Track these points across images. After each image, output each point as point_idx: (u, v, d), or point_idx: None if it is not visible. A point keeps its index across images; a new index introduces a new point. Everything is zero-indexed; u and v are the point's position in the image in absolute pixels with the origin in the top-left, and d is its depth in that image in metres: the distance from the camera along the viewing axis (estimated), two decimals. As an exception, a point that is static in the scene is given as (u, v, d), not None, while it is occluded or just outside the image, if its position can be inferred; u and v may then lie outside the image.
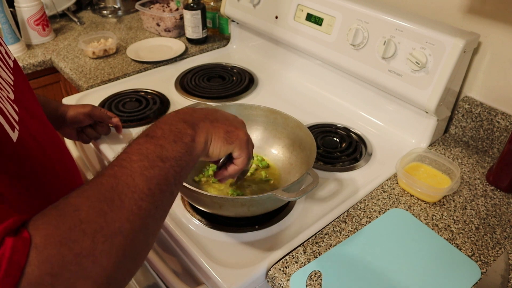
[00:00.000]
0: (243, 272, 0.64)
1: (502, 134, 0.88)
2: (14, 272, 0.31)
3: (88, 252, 0.35)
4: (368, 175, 0.85)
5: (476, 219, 0.75)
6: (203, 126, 0.51)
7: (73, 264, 0.34)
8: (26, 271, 0.32)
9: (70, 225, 0.35)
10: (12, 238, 0.32)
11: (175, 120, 0.49)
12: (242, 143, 0.55)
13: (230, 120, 0.55)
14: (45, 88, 1.38)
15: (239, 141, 0.54)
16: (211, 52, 1.37)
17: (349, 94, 1.06)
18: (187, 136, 0.48)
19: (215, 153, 0.53)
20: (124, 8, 1.66)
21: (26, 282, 0.32)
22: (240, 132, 0.55)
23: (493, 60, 0.87)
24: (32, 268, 0.32)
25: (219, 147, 0.52)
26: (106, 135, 0.93)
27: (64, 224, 0.35)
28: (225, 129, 0.53)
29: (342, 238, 0.71)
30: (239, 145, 0.55)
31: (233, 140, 0.54)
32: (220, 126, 0.53)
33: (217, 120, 0.53)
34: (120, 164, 0.42)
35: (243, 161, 0.57)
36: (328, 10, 1.00)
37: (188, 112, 0.52)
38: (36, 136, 0.52)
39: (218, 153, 0.53)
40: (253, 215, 0.71)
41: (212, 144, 0.52)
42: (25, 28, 1.36)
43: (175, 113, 0.51)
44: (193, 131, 0.49)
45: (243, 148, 0.55)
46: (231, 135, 0.53)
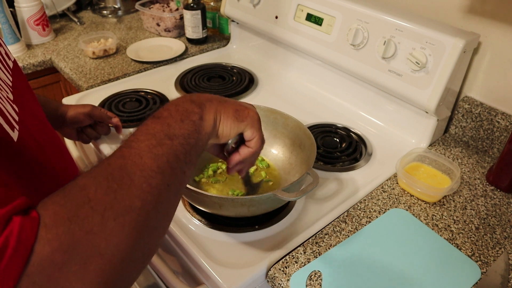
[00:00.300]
0: (243, 272, 0.64)
1: (502, 134, 0.88)
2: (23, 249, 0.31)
3: (98, 229, 0.34)
4: (368, 175, 0.85)
5: (476, 219, 0.75)
6: (211, 105, 0.49)
7: (84, 241, 0.34)
8: (36, 249, 0.32)
9: (78, 203, 0.35)
10: (20, 217, 0.32)
11: (182, 101, 0.48)
12: (254, 122, 0.52)
13: (239, 102, 0.54)
14: (45, 88, 1.38)
15: (251, 119, 0.52)
16: (211, 52, 1.37)
17: (349, 94, 1.06)
18: (195, 115, 0.47)
19: (225, 132, 0.51)
20: (124, 8, 1.66)
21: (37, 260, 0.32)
22: (250, 111, 0.53)
23: (493, 60, 0.87)
24: (42, 245, 0.32)
25: (229, 126, 0.50)
26: (106, 135, 0.93)
27: (72, 202, 0.35)
28: (235, 107, 0.51)
29: (342, 238, 0.71)
30: (251, 123, 0.52)
31: (244, 118, 0.51)
32: (229, 105, 0.51)
33: (226, 101, 0.52)
34: (127, 145, 0.42)
35: (257, 142, 0.54)
36: (328, 10, 1.00)
37: (195, 94, 0.51)
38: (35, 136, 0.52)
39: (228, 132, 0.51)
40: (253, 215, 0.71)
41: (222, 123, 0.50)
42: (25, 28, 1.36)
43: (183, 96, 0.50)
44: (200, 109, 0.48)
45: (255, 127, 0.53)
46: (241, 114, 0.51)
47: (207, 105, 0.49)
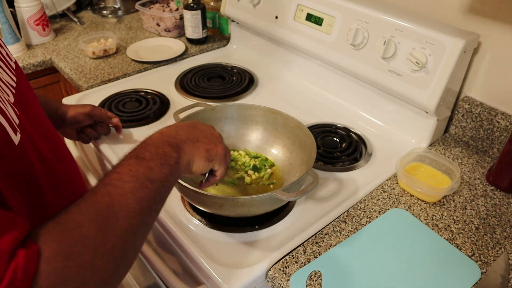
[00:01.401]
0: (243, 272, 0.64)
1: (502, 134, 0.88)
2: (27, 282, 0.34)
3: (89, 264, 0.39)
4: (368, 175, 0.85)
5: (476, 219, 0.75)
6: (186, 148, 0.56)
7: (77, 276, 0.38)
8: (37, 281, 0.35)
9: (74, 240, 0.39)
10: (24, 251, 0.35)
11: (161, 143, 0.54)
12: (221, 158, 0.61)
13: (209, 137, 0.61)
14: (45, 88, 1.38)
15: (218, 157, 0.61)
16: (211, 52, 1.37)
17: (349, 94, 1.06)
18: (172, 159, 0.53)
19: (198, 171, 0.59)
20: (124, 8, 1.66)
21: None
22: (218, 149, 0.61)
23: (493, 60, 0.87)
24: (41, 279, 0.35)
25: (201, 165, 0.58)
26: (106, 135, 0.93)
27: (69, 239, 0.39)
28: (205, 147, 0.59)
29: (342, 238, 0.71)
30: (218, 160, 0.61)
31: (213, 157, 0.60)
32: (201, 146, 0.59)
33: (198, 140, 0.59)
34: (113, 183, 0.45)
35: (222, 172, 0.64)
36: (328, 10, 1.00)
37: (172, 133, 0.57)
38: (35, 139, 0.52)
39: (200, 170, 0.59)
40: (253, 215, 0.71)
41: (195, 164, 0.57)
42: (25, 28, 1.36)
43: (160, 135, 0.56)
44: (177, 154, 0.54)
45: (222, 163, 0.62)
46: (211, 153, 0.59)
47: (182, 148, 0.56)
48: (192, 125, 0.62)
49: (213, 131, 0.64)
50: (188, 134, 0.59)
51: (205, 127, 0.63)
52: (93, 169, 1.02)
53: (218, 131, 0.65)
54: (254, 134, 0.87)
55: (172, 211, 0.76)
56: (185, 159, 0.55)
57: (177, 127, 0.59)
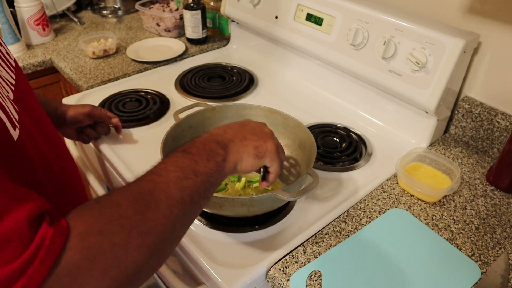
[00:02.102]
0: (243, 272, 0.64)
1: (502, 134, 0.88)
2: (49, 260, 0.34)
3: (123, 244, 0.39)
4: (368, 175, 0.85)
5: (476, 219, 0.75)
6: (233, 147, 0.55)
7: (109, 253, 0.38)
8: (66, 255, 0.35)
9: (110, 218, 0.39)
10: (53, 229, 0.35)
11: (209, 141, 0.54)
12: (272, 154, 0.59)
13: (258, 134, 0.59)
14: (45, 88, 1.38)
15: (269, 153, 0.59)
16: (211, 52, 1.37)
17: (349, 94, 1.06)
18: (219, 156, 0.53)
19: (248, 169, 0.57)
20: (124, 8, 1.66)
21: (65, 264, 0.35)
22: (268, 145, 0.59)
23: (493, 60, 0.87)
24: (73, 252, 0.36)
25: (251, 163, 0.57)
26: (106, 135, 0.93)
27: (105, 216, 0.39)
28: (254, 145, 0.57)
29: (342, 238, 0.71)
30: (269, 156, 0.59)
31: (263, 154, 0.58)
32: (249, 143, 0.57)
33: (246, 138, 0.58)
34: (158, 172, 0.47)
35: (276, 168, 0.61)
36: (328, 10, 1.00)
37: (220, 133, 0.57)
38: (34, 136, 0.52)
39: (250, 169, 0.57)
40: (253, 215, 0.71)
41: (244, 162, 0.56)
42: (25, 28, 1.36)
43: (209, 135, 0.56)
44: (224, 151, 0.54)
45: (274, 158, 0.60)
46: (260, 150, 0.58)
47: (230, 147, 0.55)
48: (242, 123, 0.62)
49: (263, 128, 0.62)
50: (236, 132, 0.58)
51: (255, 124, 0.62)
52: (93, 169, 1.02)
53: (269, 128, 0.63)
54: (254, 134, 0.87)
55: (172, 211, 0.76)
56: (232, 158, 0.55)
57: (226, 127, 0.59)
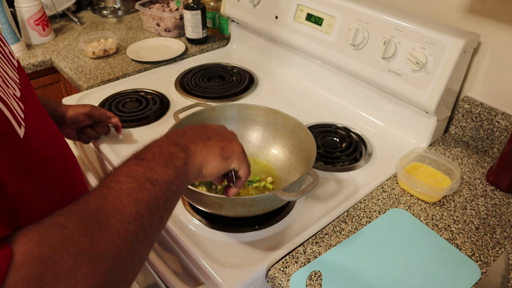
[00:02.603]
0: (243, 272, 0.64)
1: (502, 134, 0.88)
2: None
3: (68, 274, 0.33)
4: (368, 175, 0.85)
5: (476, 219, 0.75)
6: (196, 149, 0.49)
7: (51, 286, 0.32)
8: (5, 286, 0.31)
9: (53, 243, 0.34)
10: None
11: (166, 143, 0.47)
12: (239, 155, 0.54)
13: (221, 135, 0.54)
14: (45, 88, 1.38)
15: (236, 153, 0.53)
16: (211, 52, 1.37)
17: (349, 94, 1.06)
18: (179, 160, 0.46)
19: (214, 173, 0.51)
20: (124, 8, 1.66)
21: None
22: (234, 145, 0.54)
23: (493, 60, 0.87)
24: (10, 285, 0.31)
25: (217, 166, 0.51)
26: (106, 135, 0.93)
27: (47, 241, 0.33)
28: (219, 145, 0.52)
29: (342, 238, 0.71)
30: (237, 157, 0.53)
31: (230, 154, 0.52)
32: (213, 144, 0.51)
33: (209, 139, 0.52)
34: (107, 185, 0.40)
35: (245, 170, 0.56)
36: (328, 10, 1.00)
37: (179, 134, 0.51)
38: (40, 133, 0.52)
39: (217, 172, 0.51)
40: (253, 215, 0.71)
41: (209, 165, 0.50)
42: (25, 28, 1.36)
43: (166, 137, 0.49)
44: (185, 154, 0.47)
45: (242, 160, 0.54)
46: (227, 150, 0.52)
47: (191, 148, 0.49)
48: (202, 125, 0.56)
49: (225, 129, 0.57)
50: (198, 133, 0.52)
51: (216, 126, 0.57)
52: (93, 169, 1.02)
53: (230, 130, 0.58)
54: (254, 134, 0.87)
55: (172, 211, 0.76)
56: (195, 161, 0.48)
57: (185, 128, 0.53)
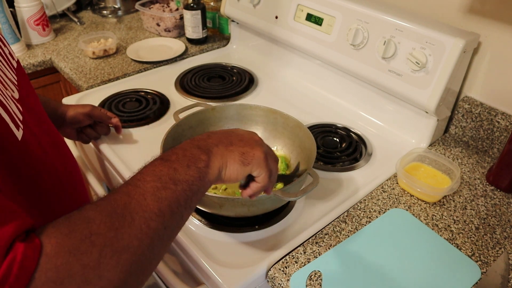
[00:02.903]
0: (243, 272, 0.64)
1: (502, 134, 0.88)
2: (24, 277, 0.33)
3: (94, 265, 0.36)
4: (368, 175, 0.85)
5: (476, 219, 0.75)
6: (217, 152, 0.51)
7: (79, 275, 0.35)
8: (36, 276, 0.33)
9: (81, 236, 0.36)
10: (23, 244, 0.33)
11: (190, 146, 0.50)
12: (260, 162, 0.54)
13: (245, 141, 0.54)
14: (45, 88, 1.38)
15: (256, 160, 0.53)
16: (211, 52, 1.37)
17: (349, 94, 1.06)
18: (201, 162, 0.48)
19: (232, 177, 0.52)
20: (124, 8, 1.66)
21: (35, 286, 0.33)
22: (256, 152, 0.54)
23: (493, 60, 0.87)
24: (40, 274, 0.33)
25: (236, 170, 0.52)
26: (106, 135, 0.93)
27: (75, 234, 0.36)
28: (240, 151, 0.52)
29: (342, 238, 0.71)
30: (257, 164, 0.53)
31: (250, 161, 0.53)
32: (235, 149, 0.52)
33: (231, 144, 0.53)
34: (134, 183, 0.43)
35: (264, 178, 0.55)
36: (328, 10, 1.00)
37: (203, 138, 0.53)
38: (38, 135, 0.52)
39: (235, 176, 0.52)
40: (253, 215, 0.71)
41: (228, 169, 0.51)
42: (25, 28, 1.36)
43: (191, 140, 0.52)
44: (207, 157, 0.49)
45: (262, 166, 0.54)
46: (247, 156, 0.53)
47: (213, 152, 0.50)
48: (229, 130, 0.57)
49: (252, 135, 0.57)
50: (221, 138, 0.53)
51: (243, 131, 0.57)
52: (93, 169, 1.02)
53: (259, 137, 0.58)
54: (254, 134, 0.87)
55: (172, 211, 0.76)
56: (216, 164, 0.50)
57: (211, 132, 0.55)
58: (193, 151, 0.49)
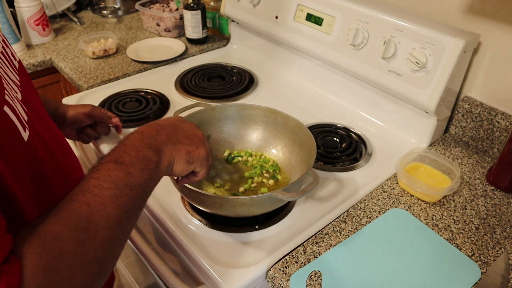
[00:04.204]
0: (243, 272, 0.64)
1: (502, 134, 0.88)
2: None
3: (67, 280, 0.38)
4: (368, 175, 0.85)
5: (476, 219, 0.75)
6: (166, 150, 0.55)
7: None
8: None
9: (53, 254, 0.38)
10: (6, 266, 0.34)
11: (141, 146, 0.52)
12: (202, 161, 0.60)
13: (191, 138, 0.59)
14: (45, 88, 1.38)
15: (199, 159, 0.59)
16: (211, 52, 1.37)
17: (349, 94, 1.06)
18: (152, 163, 0.51)
19: (178, 172, 0.58)
20: (124, 8, 1.66)
21: None
22: (200, 151, 0.59)
23: (493, 60, 0.87)
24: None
25: (182, 168, 0.57)
26: (106, 135, 0.93)
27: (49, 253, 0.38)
28: (186, 149, 0.58)
29: (342, 238, 0.71)
30: (199, 162, 0.60)
31: (194, 159, 0.58)
32: (182, 147, 0.57)
33: (179, 142, 0.57)
34: (91, 190, 0.44)
35: (203, 174, 0.62)
36: (328, 10, 1.00)
37: (152, 133, 0.55)
38: (42, 135, 0.52)
39: (180, 173, 0.58)
40: (253, 215, 0.71)
41: (175, 166, 0.56)
42: (25, 28, 1.36)
43: (140, 136, 0.54)
44: (157, 157, 0.52)
45: (203, 165, 0.61)
46: (192, 155, 0.58)
47: (163, 150, 0.54)
48: (174, 124, 0.60)
49: (196, 131, 0.62)
50: (169, 134, 0.57)
51: (188, 126, 0.61)
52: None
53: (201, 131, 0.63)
54: (254, 134, 0.87)
55: (172, 211, 0.76)
56: (165, 162, 0.54)
57: (158, 126, 0.57)
58: (145, 152, 0.51)
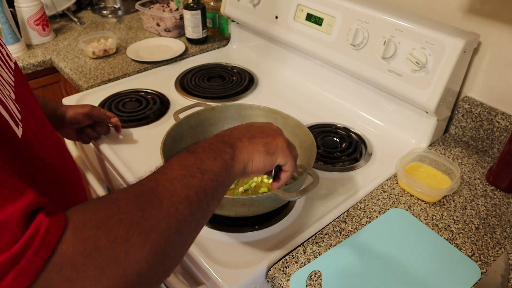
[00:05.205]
0: (243, 272, 0.64)
1: (502, 134, 0.88)
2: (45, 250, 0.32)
3: (122, 240, 0.36)
4: (368, 175, 0.85)
5: (476, 219, 0.75)
6: (242, 146, 0.52)
7: (106, 249, 0.35)
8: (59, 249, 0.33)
9: (108, 212, 0.37)
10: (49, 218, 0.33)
11: (214, 140, 0.51)
12: (283, 150, 0.56)
13: (266, 132, 0.57)
14: (45, 88, 1.38)
15: (280, 149, 0.55)
16: (211, 52, 1.37)
17: (349, 94, 1.06)
18: (227, 154, 0.49)
19: (260, 168, 0.53)
20: (124, 8, 1.66)
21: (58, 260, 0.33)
22: (278, 141, 0.56)
23: (493, 60, 0.87)
24: (66, 246, 0.33)
25: (263, 161, 0.53)
26: (106, 135, 0.93)
27: (103, 211, 0.37)
28: (264, 142, 0.54)
29: (342, 238, 0.71)
30: (281, 153, 0.55)
31: (274, 150, 0.54)
32: (258, 141, 0.54)
33: (254, 136, 0.54)
34: (161, 171, 0.44)
35: (291, 165, 0.58)
36: (328, 10, 1.00)
37: (226, 133, 0.54)
38: (36, 134, 0.52)
39: (263, 167, 0.54)
40: (253, 215, 0.71)
41: (254, 161, 0.53)
42: (25, 28, 1.36)
43: (215, 136, 0.53)
44: (232, 150, 0.50)
45: (287, 155, 0.56)
46: (271, 146, 0.54)
47: (238, 146, 0.52)
48: (248, 124, 0.59)
49: (270, 125, 0.59)
50: (243, 132, 0.55)
51: (262, 123, 0.59)
52: (93, 169, 1.02)
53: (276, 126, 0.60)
54: (254, 134, 0.87)
55: (172, 211, 0.76)
56: (241, 158, 0.51)
57: (233, 128, 0.56)
58: (218, 145, 0.50)
